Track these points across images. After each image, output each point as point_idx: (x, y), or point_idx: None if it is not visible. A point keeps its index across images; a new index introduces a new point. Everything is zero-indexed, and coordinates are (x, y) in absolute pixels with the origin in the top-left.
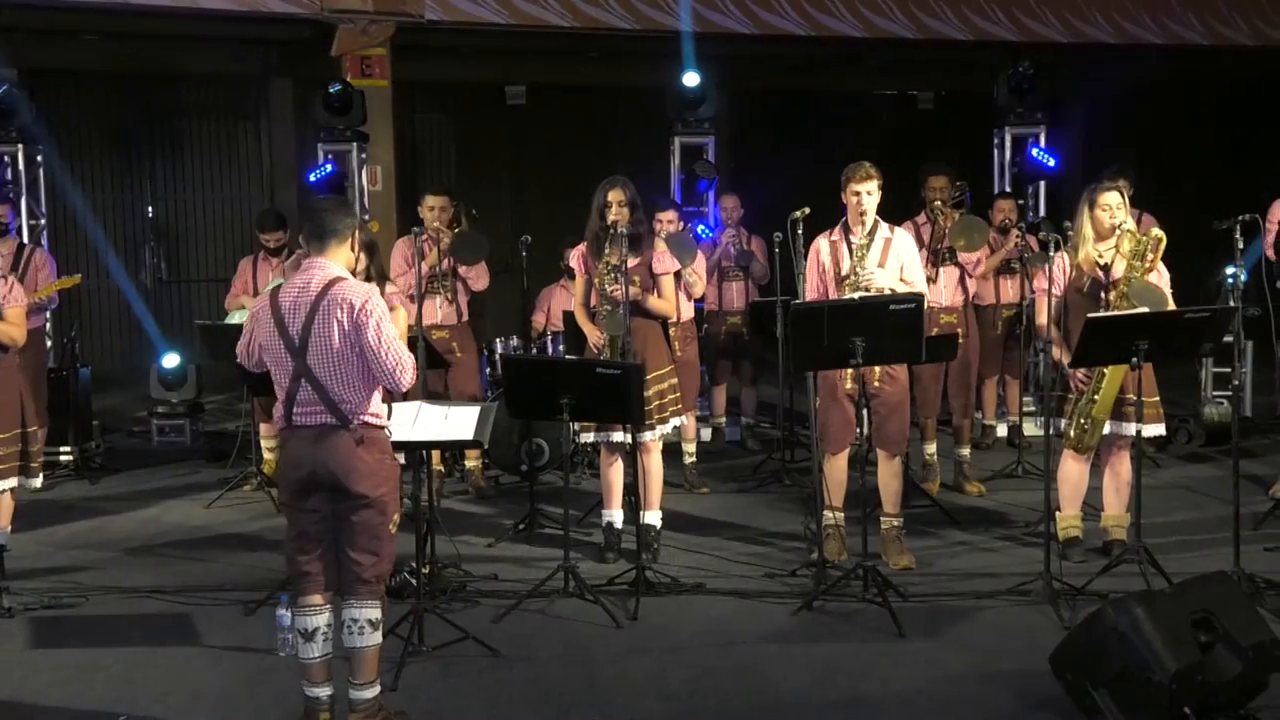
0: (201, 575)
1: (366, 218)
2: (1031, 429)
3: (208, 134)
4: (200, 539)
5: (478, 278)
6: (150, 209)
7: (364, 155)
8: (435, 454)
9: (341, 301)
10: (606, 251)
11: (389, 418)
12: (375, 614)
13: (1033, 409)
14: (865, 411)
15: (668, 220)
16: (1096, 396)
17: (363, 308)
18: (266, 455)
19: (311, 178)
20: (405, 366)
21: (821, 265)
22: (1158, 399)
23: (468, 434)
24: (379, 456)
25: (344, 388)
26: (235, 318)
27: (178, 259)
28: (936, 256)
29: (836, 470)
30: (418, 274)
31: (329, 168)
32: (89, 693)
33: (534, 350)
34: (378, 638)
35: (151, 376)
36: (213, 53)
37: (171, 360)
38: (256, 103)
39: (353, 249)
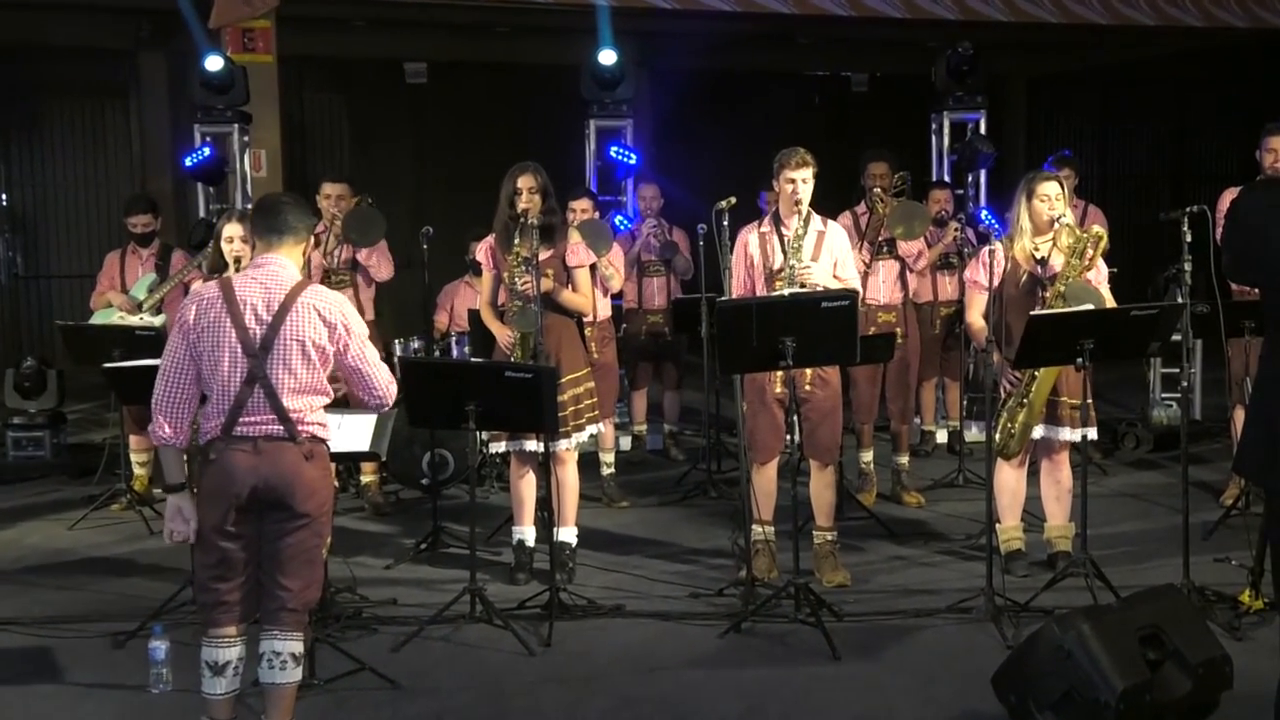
0: (65, 604)
1: (249, 207)
2: (973, 434)
3: (70, 112)
4: (63, 564)
5: (379, 266)
6: (4, 196)
7: (247, 138)
8: None
9: (320, 311)
10: (516, 243)
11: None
12: (299, 648)
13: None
14: (796, 418)
15: (581, 209)
16: (1026, 400)
17: (345, 325)
18: (137, 470)
19: (187, 162)
20: (393, 382)
21: (750, 259)
22: (1090, 401)
23: (363, 445)
24: (323, 472)
25: (297, 396)
26: (101, 317)
27: (36, 252)
28: (875, 249)
29: (766, 481)
30: (307, 267)
31: (207, 151)
32: None
33: (436, 352)
34: (299, 674)
35: (6, 383)
36: (77, 22)
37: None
38: (126, 78)
39: (305, 252)
